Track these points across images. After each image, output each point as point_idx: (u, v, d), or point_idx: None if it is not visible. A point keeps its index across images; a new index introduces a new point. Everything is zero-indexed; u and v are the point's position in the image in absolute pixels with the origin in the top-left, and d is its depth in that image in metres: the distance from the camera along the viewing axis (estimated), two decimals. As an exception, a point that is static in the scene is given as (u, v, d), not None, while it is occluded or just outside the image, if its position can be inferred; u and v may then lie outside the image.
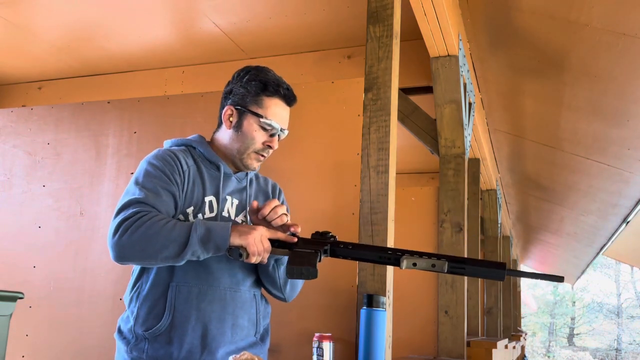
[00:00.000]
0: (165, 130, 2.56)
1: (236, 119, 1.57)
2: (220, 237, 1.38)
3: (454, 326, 3.21)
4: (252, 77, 1.58)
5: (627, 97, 3.58)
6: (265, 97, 1.57)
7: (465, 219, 3.35)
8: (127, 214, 1.38)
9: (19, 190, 2.75)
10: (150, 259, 1.38)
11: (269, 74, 1.60)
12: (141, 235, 1.35)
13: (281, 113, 1.60)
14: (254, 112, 1.56)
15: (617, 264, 26.13)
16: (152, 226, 1.36)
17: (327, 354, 1.75)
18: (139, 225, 1.35)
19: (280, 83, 1.59)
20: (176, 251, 1.36)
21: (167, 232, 1.36)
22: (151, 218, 1.37)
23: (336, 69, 3.72)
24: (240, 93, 1.58)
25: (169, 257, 1.37)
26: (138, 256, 1.38)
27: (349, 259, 1.48)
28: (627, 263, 19.40)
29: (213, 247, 1.39)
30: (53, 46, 3.88)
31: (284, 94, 1.59)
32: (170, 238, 1.36)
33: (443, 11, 2.75)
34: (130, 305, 1.51)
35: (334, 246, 1.46)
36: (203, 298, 1.47)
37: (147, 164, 1.50)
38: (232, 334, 1.51)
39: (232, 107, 1.58)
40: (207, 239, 1.38)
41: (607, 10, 2.84)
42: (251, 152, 1.58)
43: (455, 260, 1.40)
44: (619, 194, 5.24)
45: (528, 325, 26.21)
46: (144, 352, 1.46)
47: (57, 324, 2.55)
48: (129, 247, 1.35)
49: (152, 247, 1.35)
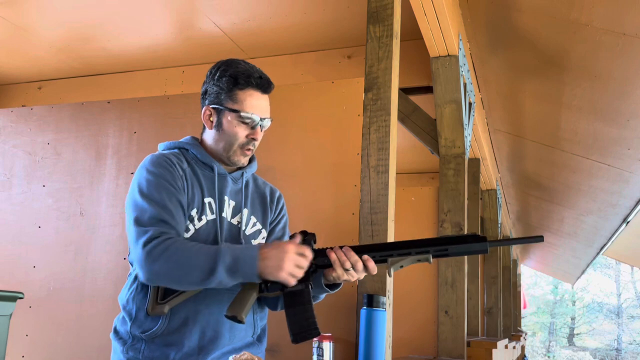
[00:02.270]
0: (165, 130, 2.56)
1: (215, 118, 1.56)
2: (248, 268, 1.38)
3: (454, 326, 3.21)
4: (222, 73, 1.55)
5: (627, 97, 3.58)
6: (238, 91, 1.54)
7: (465, 219, 3.35)
8: (151, 234, 1.38)
9: (19, 190, 2.75)
10: (178, 284, 1.40)
11: (239, 66, 1.56)
12: (168, 261, 1.35)
13: (258, 103, 1.56)
14: (230, 108, 1.53)
15: (617, 264, 26.14)
16: (177, 252, 1.36)
17: (327, 354, 1.75)
18: (164, 249, 1.36)
19: (250, 73, 1.55)
20: (202, 278, 1.37)
21: (193, 259, 1.37)
22: (175, 242, 1.38)
23: (336, 69, 3.72)
24: (215, 92, 1.56)
25: (194, 283, 1.39)
26: (165, 281, 1.40)
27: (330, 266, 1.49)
28: (627, 263, 19.40)
29: (241, 278, 1.39)
30: (53, 46, 3.88)
31: (256, 83, 1.55)
32: (196, 266, 1.36)
33: (443, 11, 2.75)
34: (127, 307, 1.50)
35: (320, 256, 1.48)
36: (201, 301, 1.47)
37: (147, 172, 1.48)
38: (230, 337, 1.50)
39: (209, 107, 1.57)
40: (234, 269, 1.38)
41: (607, 10, 2.84)
42: (236, 148, 1.56)
43: (436, 243, 1.44)
44: (619, 194, 5.24)
45: (528, 325, 26.21)
46: (140, 353, 1.45)
47: (57, 324, 2.55)
48: (157, 272, 1.37)
49: (179, 274, 1.37)
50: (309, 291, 1.45)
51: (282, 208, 1.73)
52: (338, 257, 1.45)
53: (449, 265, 3.29)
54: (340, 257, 1.45)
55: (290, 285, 1.42)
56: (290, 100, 2.38)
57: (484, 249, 1.42)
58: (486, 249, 1.42)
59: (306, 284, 1.45)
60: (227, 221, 1.56)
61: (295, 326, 1.44)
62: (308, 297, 1.45)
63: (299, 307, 1.44)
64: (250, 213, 1.62)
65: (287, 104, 2.37)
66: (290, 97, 2.39)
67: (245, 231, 1.58)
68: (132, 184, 1.49)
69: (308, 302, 1.44)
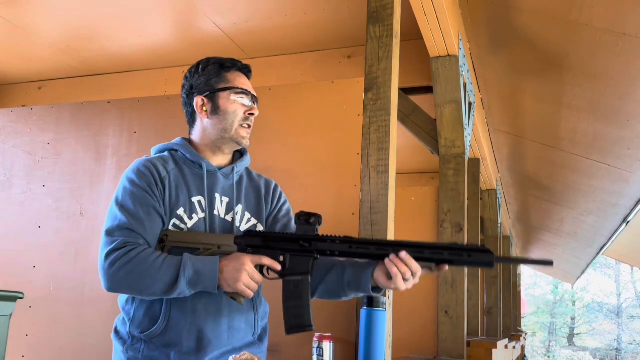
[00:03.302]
0: (165, 130, 2.56)
1: (210, 104, 1.59)
2: (209, 281, 1.39)
3: (454, 326, 3.21)
4: (205, 64, 1.63)
5: (627, 97, 3.58)
6: (226, 73, 1.61)
7: (465, 219, 3.35)
8: (115, 245, 1.40)
9: (19, 190, 2.75)
10: (139, 294, 1.42)
11: (218, 57, 1.65)
12: (130, 272, 1.37)
13: (246, 83, 1.64)
14: (223, 88, 1.59)
15: (617, 264, 26.13)
16: (138, 264, 1.38)
17: (327, 354, 1.75)
18: (127, 261, 1.37)
19: (233, 59, 1.64)
20: (163, 290, 1.39)
21: (154, 271, 1.38)
22: (139, 254, 1.39)
23: (336, 69, 3.72)
24: (202, 81, 1.61)
25: (155, 294, 1.40)
26: (127, 291, 1.42)
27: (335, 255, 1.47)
28: (627, 263, 19.40)
29: (202, 289, 1.41)
30: (53, 46, 3.88)
31: (240, 66, 1.64)
32: (157, 277, 1.38)
33: (443, 11, 2.74)
34: (126, 307, 1.51)
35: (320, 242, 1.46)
36: (198, 301, 1.47)
37: (127, 180, 1.52)
38: (229, 337, 1.50)
39: (200, 97, 1.60)
40: (195, 282, 1.39)
41: (607, 10, 2.84)
42: (237, 126, 1.59)
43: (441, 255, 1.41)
44: (619, 194, 5.24)
45: (528, 325, 26.20)
46: (140, 352, 1.46)
47: (57, 324, 2.55)
48: (118, 282, 1.39)
49: (138, 285, 1.38)
50: (307, 283, 1.45)
51: (281, 196, 1.73)
52: (400, 270, 1.40)
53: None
54: (402, 269, 1.40)
55: (248, 296, 1.42)
56: (290, 100, 2.38)
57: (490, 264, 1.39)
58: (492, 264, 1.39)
59: (306, 275, 1.45)
60: (220, 218, 1.56)
61: (290, 319, 1.45)
62: (306, 288, 1.45)
63: (296, 300, 1.45)
64: (245, 209, 1.62)
65: (287, 104, 2.37)
66: (290, 97, 2.39)
67: (240, 227, 1.58)
68: (116, 192, 1.53)
69: (306, 294, 1.45)
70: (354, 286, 1.52)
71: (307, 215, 1.49)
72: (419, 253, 1.41)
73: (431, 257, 1.41)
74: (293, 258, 1.47)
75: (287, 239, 1.48)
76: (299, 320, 1.45)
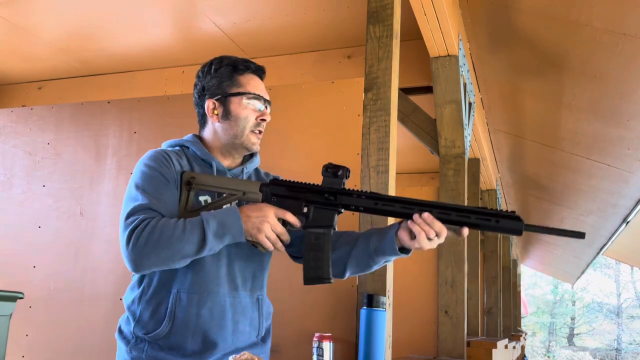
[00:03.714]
0: (165, 130, 2.56)
1: (221, 108, 1.56)
2: (235, 229, 1.38)
3: (454, 326, 3.21)
4: (218, 65, 1.59)
5: (627, 97, 3.58)
6: (239, 76, 1.57)
7: (465, 219, 3.34)
8: (135, 223, 1.36)
9: (19, 190, 2.76)
10: (169, 262, 1.38)
11: (231, 57, 1.61)
12: (155, 242, 1.34)
13: (259, 86, 1.60)
14: (235, 92, 1.56)
15: (617, 264, 26.14)
16: (164, 230, 1.35)
17: (327, 354, 1.75)
18: (149, 231, 1.34)
19: (247, 60, 1.60)
20: (194, 250, 1.36)
21: (180, 233, 1.35)
22: (159, 222, 1.36)
23: (336, 69, 3.72)
24: (215, 84, 1.57)
25: (186, 256, 1.37)
26: (155, 263, 1.37)
27: (360, 211, 1.45)
28: (627, 263, 19.41)
29: (229, 240, 1.39)
30: (53, 46, 3.88)
31: (254, 68, 1.60)
32: (183, 239, 1.35)
33: (443, 11, 2.75)
34: (132, 307, 1.50)
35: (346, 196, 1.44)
36: (203, 305, 1.46)
37: (143, 165, 1.49)
38: (234, 340, 1.50)
39: (212, 100, 1.57)
40: (221, 233, 1.38)
41: (607, 10, 2.84)
42: (248, 132, 1.56)
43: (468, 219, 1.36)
44: (619, 194, 5.24)
45: (528, 325, 26.21)
46: (144, 352, 1.46)
47: (57, 324, 2.55)
48: (145, 255, 1.35)
49: (168, 251, 1.35)
50: (329, 236, 1.44)
51: None
52: (423, 229, 1.38)
53: (449, 265, 3.29)
54: (425, 228, 1.38)
55: (268, 248, 1.41)
56: (290, 100, 2.38)
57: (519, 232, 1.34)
58: (520, 232, 1.34)
59: (328, 229, 1.44)
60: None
61: (309, 271, 1.44)
62: (328, 241, 1.43)
63: (316, 252, 1.43)
64: None
65: (287, 104, 2.37)
66: (290, 97, 2.39)
67: None
68: (131, 179, 1.50)
69: (327, 247, 1.43)
70: (381, 251, 1.49)
71: (335, 168, 1.47)
72: (445, 215, 1.38)
73: (457, 219, 1.37)
74: (317, 210, 1.46)
75: (312, 190, 1.47)
76: (317, 273, 1.43)
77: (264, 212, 1.41)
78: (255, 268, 1.58)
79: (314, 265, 1.43)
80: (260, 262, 1.58)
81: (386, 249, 1.47)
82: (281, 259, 1.70)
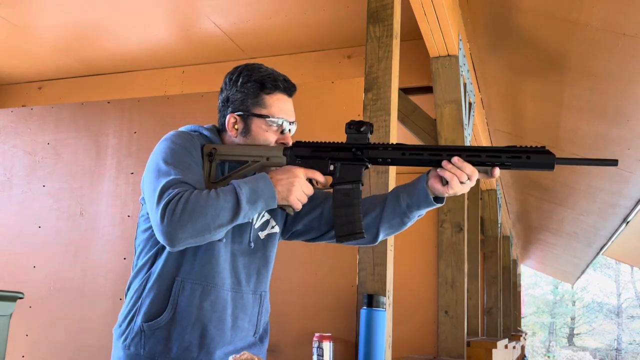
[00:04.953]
0: (165, 130, 2.54)
1: (242, 125, 1.52)
2: (268, 193, 1.38)
3: (454, 326, 3.21)
4: (246, 79, 1.52)
5: (627, 97, 3.58)
6: (265, 96, 1.51)
7: (465, 219, 3.35)
8: (170, 196, 1.33)
9: (19, 190, 2.76)
10: (205, 232, 1.34)
11: (262, 71, 1.54)
12: (190, 213, 1.31)
13: (286, 107, 1.54)
14: (258, 114, 1.50)
15: (617, 264, 26.13)
16: (198, 200, 1.33)
17: (327, 354, 1.75)
18: (184, 202, 1.32)
19: (276, 77, 1.54)
20: (229, 217, 1.34)
21: (214, 201, 1.33)
22: (192, 193, 1.34)
23: (336, 69, 3.73)
24: (239, 98, 1.52)
25: (222, 225, 1.35)
26: (192, 233, 1.33)
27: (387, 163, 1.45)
28: (627, 263, 19.41)
29: (262, 206, 1.38)
30: (53, 46, 3.88)
31: (283, 87, 1.54)
32: (218, 207, 1.33)
33: (443, 11, 2.75)
34: (135, 295, 1.48)
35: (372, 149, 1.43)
36: (205, 297, 1.46)
37: (170, 142, 1.46)
38: (232, 335, 1.50)
39: (234, 114, 1.52)
40: (254, 199, 1.36)
41: (607, 10, 2.84)
42: None
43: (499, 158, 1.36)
44: (619, 194, 5.25)
45: (528, 325, 26.21)
46: (142, 348, 1.45)
47: (57, 324, 2.55)
48: (180, 227, 1.31)
49: (204, 220, 1.32)
50: (359, 190, 1.43)
51: None
52: (455, 174, 1.37)
53: (449, 265, 3.29)
54: (456, 173, 1.36)
55: (297, 209, 1.41)
56: (290, 100, 2.38)
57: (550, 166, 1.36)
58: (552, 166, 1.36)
59: (357, 183, 1.44)
60: None
61: (342, 226, 1.44)
62: (357, 196, 1.43)
63: (347, 208, 1.43)
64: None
65: (287, 104, 2.37)
66: (290, 97, 2.39)
67: (255, 225, 1.57)
68: (152, 157, 1.46)
69: (357, 202, 1.43)
70: (415, 205, 1.47)
71: (358, 124, 1.46)
72: (475, 157, 1.37)
73: (488, 160, 1.37)
74: (343, 167, 1.46)
75: (337, 147, 1.46)
76: (350, 228, 1.43)
77: (293, 173, 1.41)
78: (259, 264, 1.57)
79: (346, 221, 1.43)
80: (264, 257, 1.58)
81: (420, 202, 1.46)
82: (281, 259, 1.70)
